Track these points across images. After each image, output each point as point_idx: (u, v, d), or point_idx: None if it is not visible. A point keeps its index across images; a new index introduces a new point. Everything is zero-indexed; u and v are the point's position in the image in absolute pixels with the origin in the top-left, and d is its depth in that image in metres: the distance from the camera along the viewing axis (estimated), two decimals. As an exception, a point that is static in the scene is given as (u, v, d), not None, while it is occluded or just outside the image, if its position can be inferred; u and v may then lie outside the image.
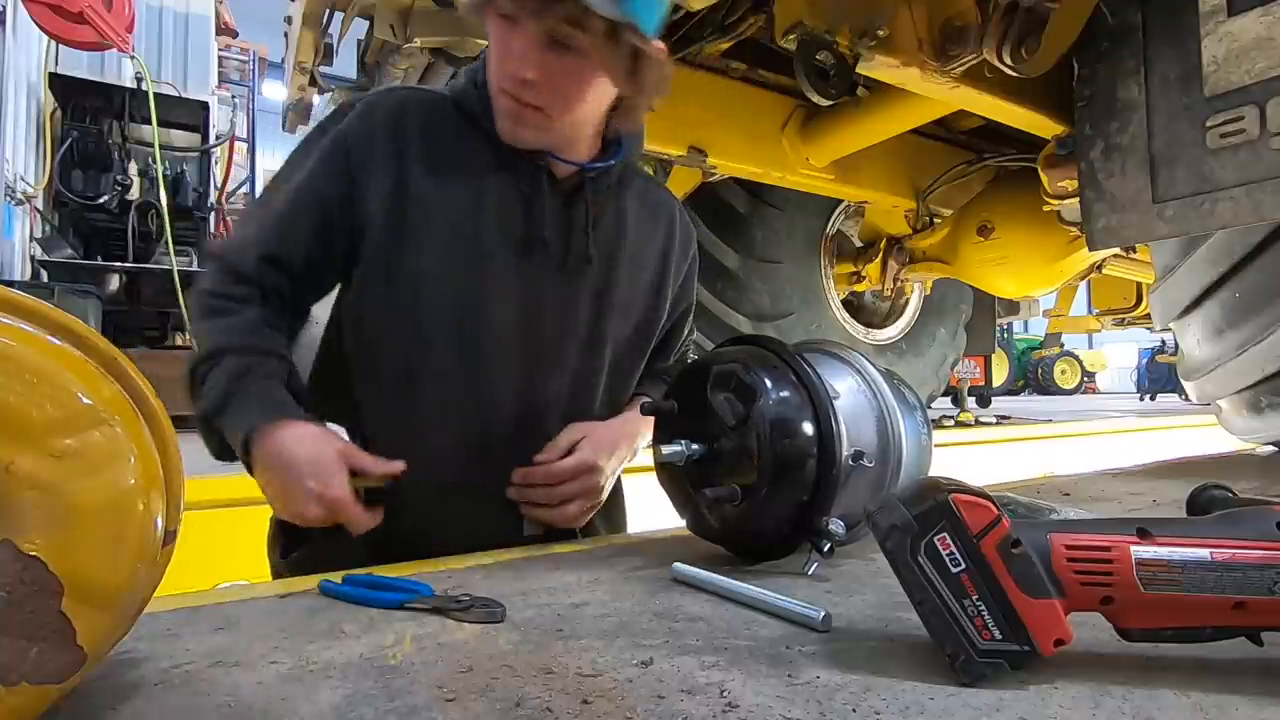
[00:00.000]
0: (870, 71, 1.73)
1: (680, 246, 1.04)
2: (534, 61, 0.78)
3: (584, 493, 0.91)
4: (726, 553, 0.85)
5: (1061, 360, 15.61)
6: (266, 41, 8.54)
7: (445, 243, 0.87)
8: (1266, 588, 0.47)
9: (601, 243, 0.94)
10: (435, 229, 0.87)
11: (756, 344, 0.85)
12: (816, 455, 0.75)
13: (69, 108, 5.32)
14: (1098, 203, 1.70)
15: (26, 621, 0.39)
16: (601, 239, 0.94)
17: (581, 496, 0.91)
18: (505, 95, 0.82)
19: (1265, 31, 1.37)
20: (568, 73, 0.80)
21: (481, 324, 0.89)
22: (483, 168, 0.88)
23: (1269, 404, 1.85)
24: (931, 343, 4.05)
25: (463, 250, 0.87)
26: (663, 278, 1.02)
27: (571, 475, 0.89)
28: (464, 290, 0.88)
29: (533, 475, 0.89)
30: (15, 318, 0.43)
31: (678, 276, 1.05)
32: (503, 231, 0.89)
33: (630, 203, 0.98)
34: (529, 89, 0.80)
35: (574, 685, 0.49)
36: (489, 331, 0.89)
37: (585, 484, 0.91)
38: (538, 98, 0.81)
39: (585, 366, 0.96)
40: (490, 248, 0.88)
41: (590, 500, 0.92)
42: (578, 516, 0.92)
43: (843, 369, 0.86)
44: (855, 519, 0.79)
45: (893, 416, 0.83)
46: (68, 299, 4.06)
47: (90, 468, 0.41)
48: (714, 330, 3.25)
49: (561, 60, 0.78)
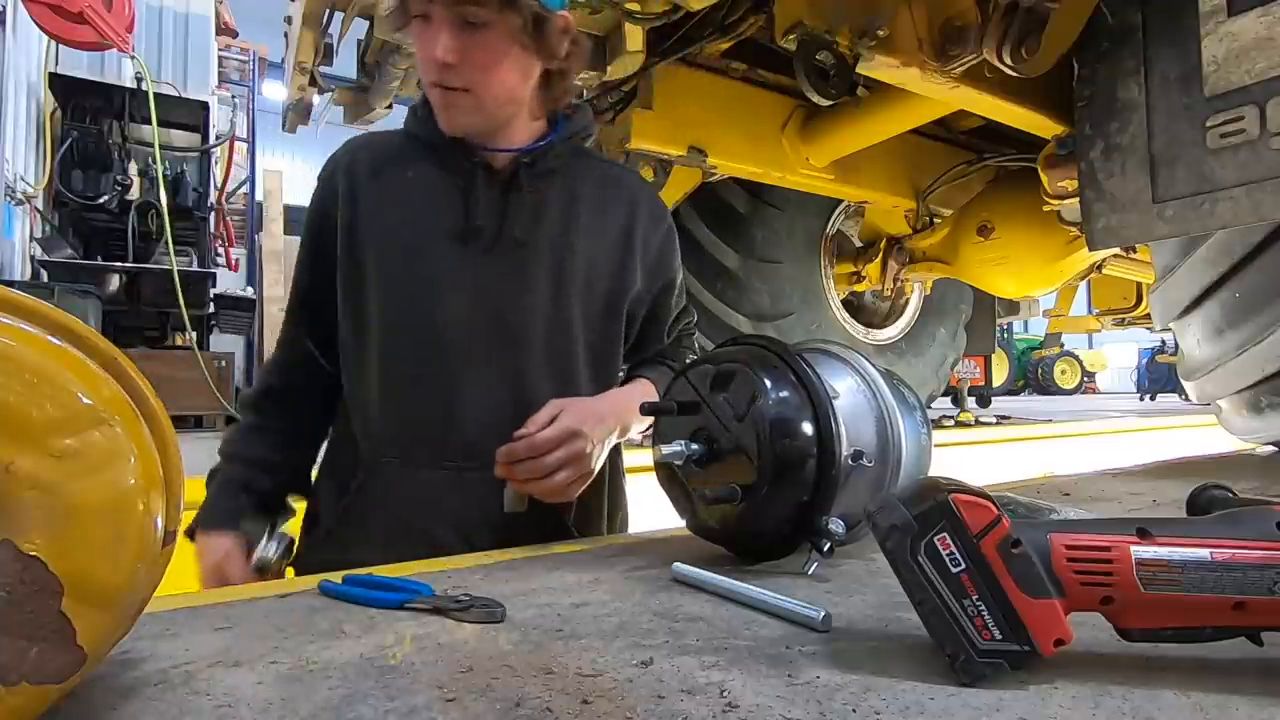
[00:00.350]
0: (870, 71, 1.73)
1: (647, 222, 1.05)
2: (449, 46, 0.85)
3: (570, 460, 0.89)
4: (726, 553, 0.85)
5: (1061, 360, 15.60)
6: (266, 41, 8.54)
7: (388, 244, 0.95)
8: (1266, 588, 0.47)
9: (551, 223, 0.97)
10: (378, 234, 0.96)
11: (756, 344, 0.85)
12: (816, 455, 0.75)
13: (69, 108, 5.32)
14: (1098, 203, 1.70)
15: (26, 621, 0.39)
16: (551, 220, 0.97)
17: (568, 465, 0.89)
18: (434, 88, 0.89)
19: (1265, 31, 1.37)
20: (480, 48, 0.86)
21: (436, 316, 0.94)
22: (422, 174, 0.97)
23: (1269, 404, 1.85)
24: (931, 343, 4.05)
25: (402, 248, 0.95)
26: (626, 253, 1.02)
27: (555, 444, 0.88)
28: (412, 287, 0.95)
29: (516, 450, 0.88)
30: (15, 317, 0.43)
31: (647, 251, 1.05)
32: (440, 225, 0.95)
33: (585, 184, 1.01)
34: (451, 73, 0.87)
35: (574, 685, 0.49)
36: (447, 321, 0.94)
37: (570, 450, 0.89)
38: (460, 78, 0.87)
39: (558, 347, 0.98)
40: (428, 241, 0.95)
41: (578, 469, 0.91)
42: (566, 487, 0.90)
43: (842, 369, 0.86)
44: (855, 519, 0.78)
45: (892, 416, 0.83)
46: (68, 299, 4.06)
47: (90, 468, 0.41)
48: (714, 330, 3.25)
49: (474, 38, 0.85)
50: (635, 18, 1.81)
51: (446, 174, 0.96)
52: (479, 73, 0.88)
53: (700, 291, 3.27)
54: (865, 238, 3.64)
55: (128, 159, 5.37)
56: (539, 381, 0.97)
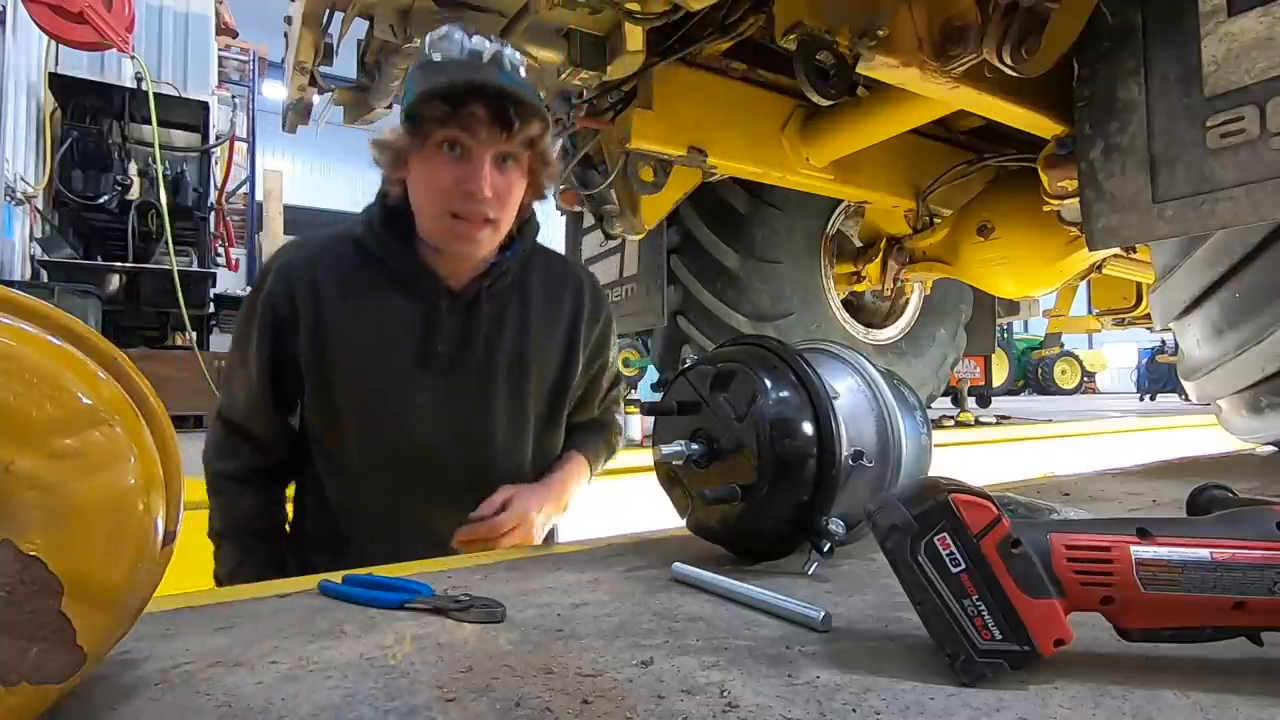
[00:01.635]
0: (870, 71, 1.73)
1: (590, 314, 1.13)
2: (490, 181, 0.91)
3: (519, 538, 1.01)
4: (727, 553, 0.85)
5: (1061, 360, 15.59)
6: (266, 41, 8.55)
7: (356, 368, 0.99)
8: (1266, 588, 0.47)
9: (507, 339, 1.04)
10: (347, 356, 0.99)
11: (756, 344, 0.85)
12: (816, 455, 0.75)
13: (69, 107, 5.32)
14: (1098, 203, 1.70)
15: (26, 621, 0.39)
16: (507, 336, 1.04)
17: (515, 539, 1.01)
18: (455, 219, 0.93)
19: (1265, 31, 1.37)
20: (506, 181, 0.94)
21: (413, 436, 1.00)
22: (385, 296, 1.00)
23: (1269, 404, 1.85)
24: (931, 343, 4.04)
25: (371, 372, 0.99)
26: (573, 343, 1.10)
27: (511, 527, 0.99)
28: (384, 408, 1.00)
29: (477, 531, 0.98)
30: (15, 317, 0.43)
31: (588, 343, 1.13)
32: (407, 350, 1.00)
33: (534, 282, 1.08)
34: (489, 206, 0.92)
35: (574, 685, 0.49)
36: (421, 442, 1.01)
37: (523, 532, 1.01)
38: (494, 211, 0.93)
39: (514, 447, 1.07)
40: (396, 366, 0.99)
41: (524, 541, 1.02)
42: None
43: (842, 369, 0.86)
44: (855, 519, 0.79)
45: (892, 416, 0.83)
46: (67, 299, 4.06)
47: (90, 468, 0.41)
48: (714, 330, 3.24)
49: (504, 175, 0.93)
50: (635, 18, 1.81)
51: (410, 299, 1.00)
52: (503, 207, 0.94)
53: (700, 292, 3.27)
54: (865, 238, 3.63)
55: (128, 159, 5.37)
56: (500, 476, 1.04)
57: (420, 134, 0.91)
